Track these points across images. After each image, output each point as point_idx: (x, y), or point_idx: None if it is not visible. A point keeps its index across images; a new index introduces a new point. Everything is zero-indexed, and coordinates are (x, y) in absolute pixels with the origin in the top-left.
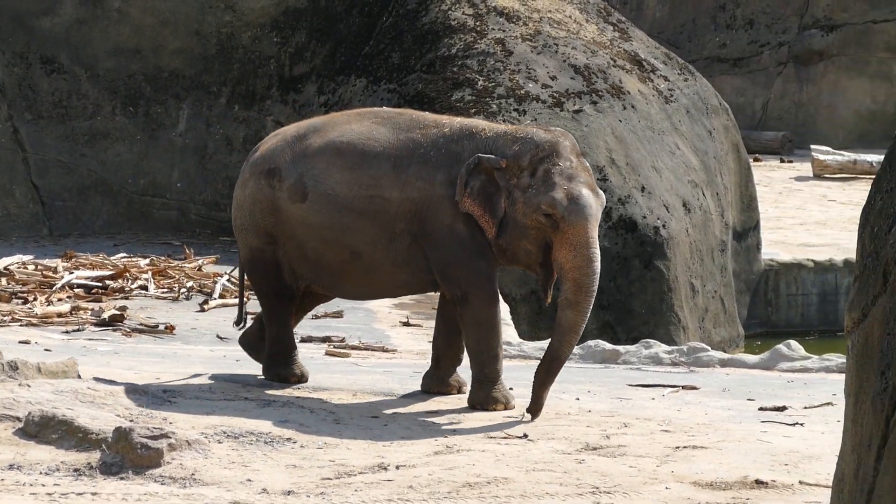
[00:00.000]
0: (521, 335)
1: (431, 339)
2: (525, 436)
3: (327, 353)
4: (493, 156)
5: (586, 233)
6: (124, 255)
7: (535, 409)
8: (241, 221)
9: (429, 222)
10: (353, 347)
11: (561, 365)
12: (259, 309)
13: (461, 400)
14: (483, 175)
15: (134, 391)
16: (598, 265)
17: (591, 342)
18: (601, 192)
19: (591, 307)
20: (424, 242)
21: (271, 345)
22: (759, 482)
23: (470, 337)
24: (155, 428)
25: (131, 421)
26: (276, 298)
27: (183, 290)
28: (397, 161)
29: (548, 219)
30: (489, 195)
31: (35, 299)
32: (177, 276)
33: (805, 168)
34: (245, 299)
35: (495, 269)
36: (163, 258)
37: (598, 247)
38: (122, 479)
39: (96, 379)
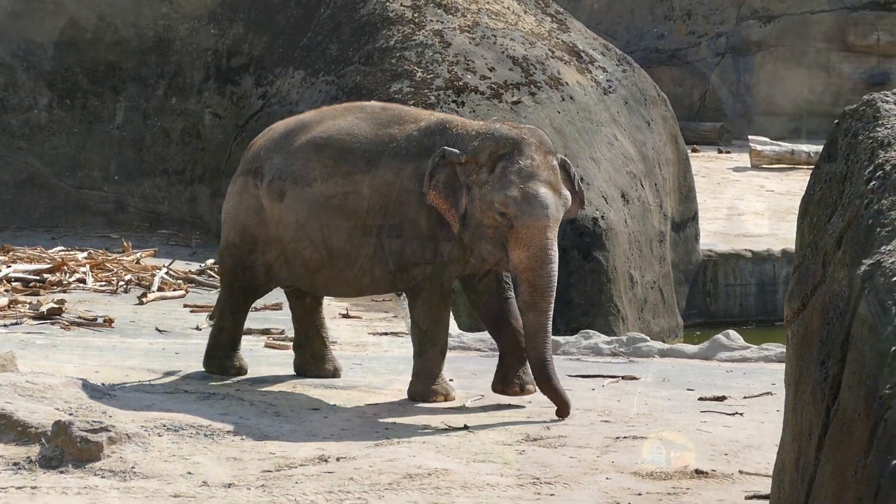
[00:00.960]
0: (460, 326)
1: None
2: (466, 427)
3: (267, 346)
4: (456, 150)
5: (541, 233)
6: (62, 248)
7: (562, 408)
8: (226, 215)
9: (394, 215)
10: (293, 339)
11: (550, 363)
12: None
13: (401, 392)
14: (448, 168)
15: (73, 384)
16: (553, 266)
17: None
18: (566, 191)
19: (553, 305)
20: (386, 234)
21: (216, 336)
22: (698, 472)
23: (418, 330)
24: (94, 421)
25: (71, 414)
26: (240, 293)
27: (121, 283)
28: (371, 156)
29: (503, 217)
30: (454, 189)
31: None
32: (115, 270)
33: (743, 158)
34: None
35: (454, 268)
36: (101, 251)
37: (555, 248)
38: (61, 472)
39: (35, 372)
